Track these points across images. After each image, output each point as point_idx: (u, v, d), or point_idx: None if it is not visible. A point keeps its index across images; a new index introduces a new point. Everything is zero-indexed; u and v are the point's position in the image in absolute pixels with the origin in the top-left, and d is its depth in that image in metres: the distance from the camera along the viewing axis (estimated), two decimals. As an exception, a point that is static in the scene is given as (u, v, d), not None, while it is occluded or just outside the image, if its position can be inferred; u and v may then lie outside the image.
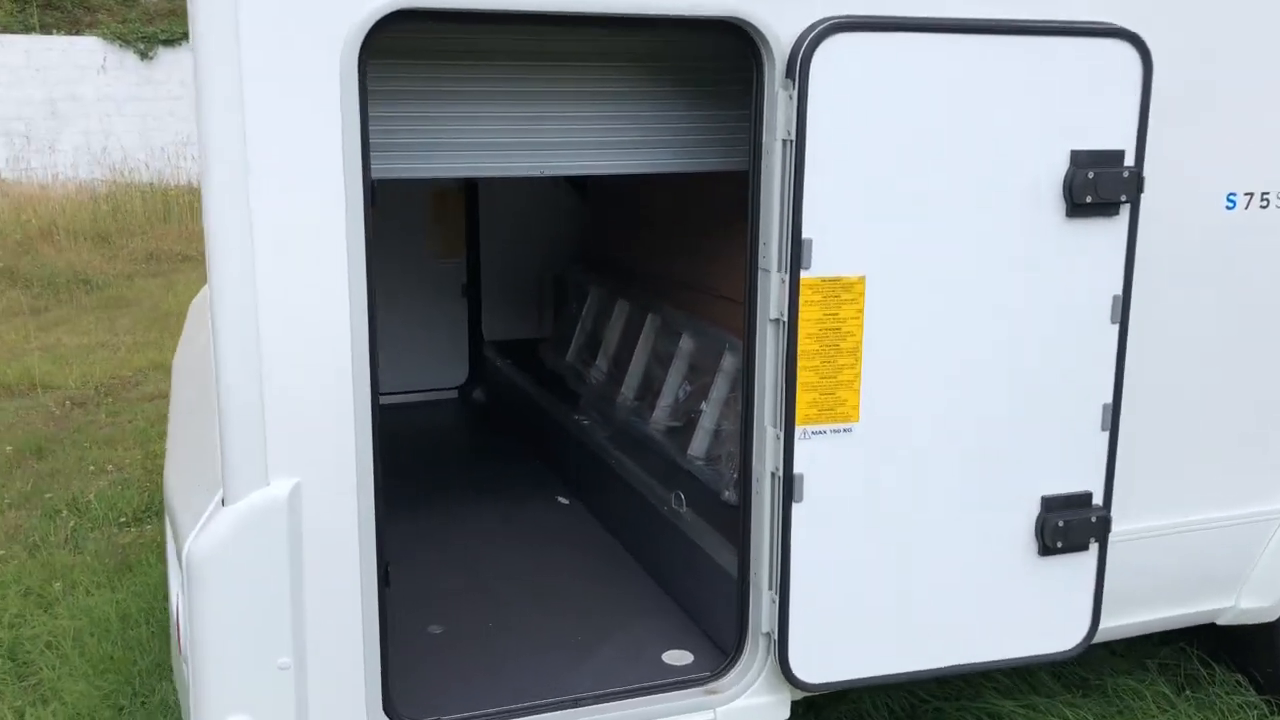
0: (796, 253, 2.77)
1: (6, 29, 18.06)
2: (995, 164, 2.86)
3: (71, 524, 5.66)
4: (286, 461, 2.54)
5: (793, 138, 2.73)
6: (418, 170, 2.88)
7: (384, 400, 5.65)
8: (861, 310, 2.86)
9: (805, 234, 2.77)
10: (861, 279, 2.84)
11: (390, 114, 2.83)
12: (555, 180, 5.67)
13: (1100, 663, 4.11)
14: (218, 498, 2.57)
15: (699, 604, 3.48)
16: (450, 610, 3.54)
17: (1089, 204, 2.93)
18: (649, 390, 4.30)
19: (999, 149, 2.86)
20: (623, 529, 4.07)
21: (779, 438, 2.88)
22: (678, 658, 3.27)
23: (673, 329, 4.21)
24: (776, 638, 2.97)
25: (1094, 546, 3.15)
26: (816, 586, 2.95)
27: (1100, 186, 2.91)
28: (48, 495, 6.03)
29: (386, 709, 2.75)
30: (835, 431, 2.90)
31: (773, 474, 2.92)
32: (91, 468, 6.47)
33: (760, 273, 2.87)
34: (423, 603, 3.59)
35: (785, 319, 2.81)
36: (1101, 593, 3.19)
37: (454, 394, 5.83)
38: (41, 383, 8.24)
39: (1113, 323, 3.04)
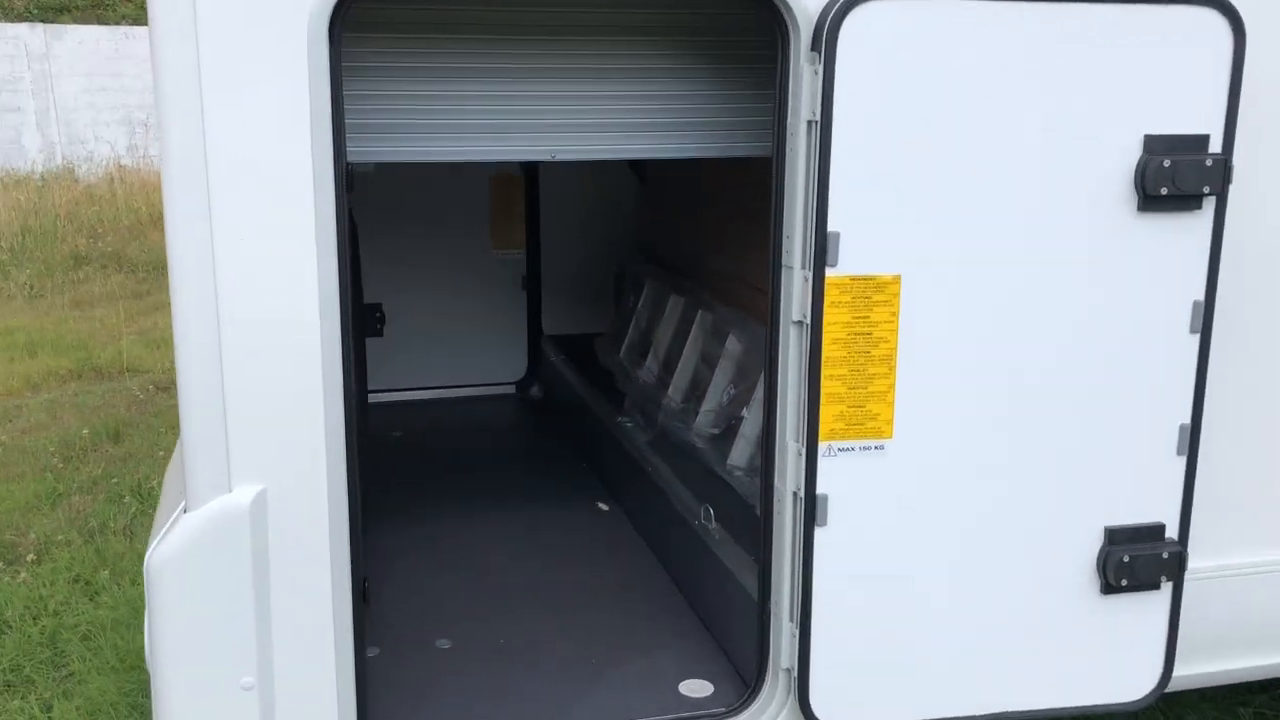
0: (821, 248, 2.48)
1: (137, 21, 18.62)
2: (1054, 150, 2.52)
3: (133, 510, 5.66)
4: (251, 467, 2.35)
5: (818, 119, 2.43)
6: (407, 154, 2.67)
7: (440, 394, 5.50)
8: (896, 313, 2.54)
9: (831, 227, 2.47)
10: (896, 279, 2.53)
11: (377, 93, 2.62)
12: (617, 167, 5.43)
13: (1186, 708, 3.70)
14: (183, 504, 2.40)
15: (725, 629, 3.20)
16: (463, 623, 3.34)
17: (1164, 196, 2.56)
18: (695, 393, 4.03)
19: (1058, 133, 2.51)
20: (657, 541, 3.82)
21: (801, 454, 2.59)
22: (696, 688, 3.00)
23: (721, 327, 3.94)
24: (796, 674, 2.68)
25: (1167, 585, 2.78)
26: (842, 620, 2.65)
27: (1178, 176, 2.54)
28: (114, 480, 6.05)
29: None
30: (865, 449, 2.60)
31: (794, 494, 2.63)
32: (162, 453, 6.47)
33: (784, 270, 2.58)
34: (435, 613, 3.39)
35: (809, 321, 2.52)
36: (1175, 637, 2.82)
37: (511, 389, 5.64)
38: (130, 366, 8.35)
39: (1193, 332, 2.66)
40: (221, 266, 2.26)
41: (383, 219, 5.31)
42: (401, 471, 4.60)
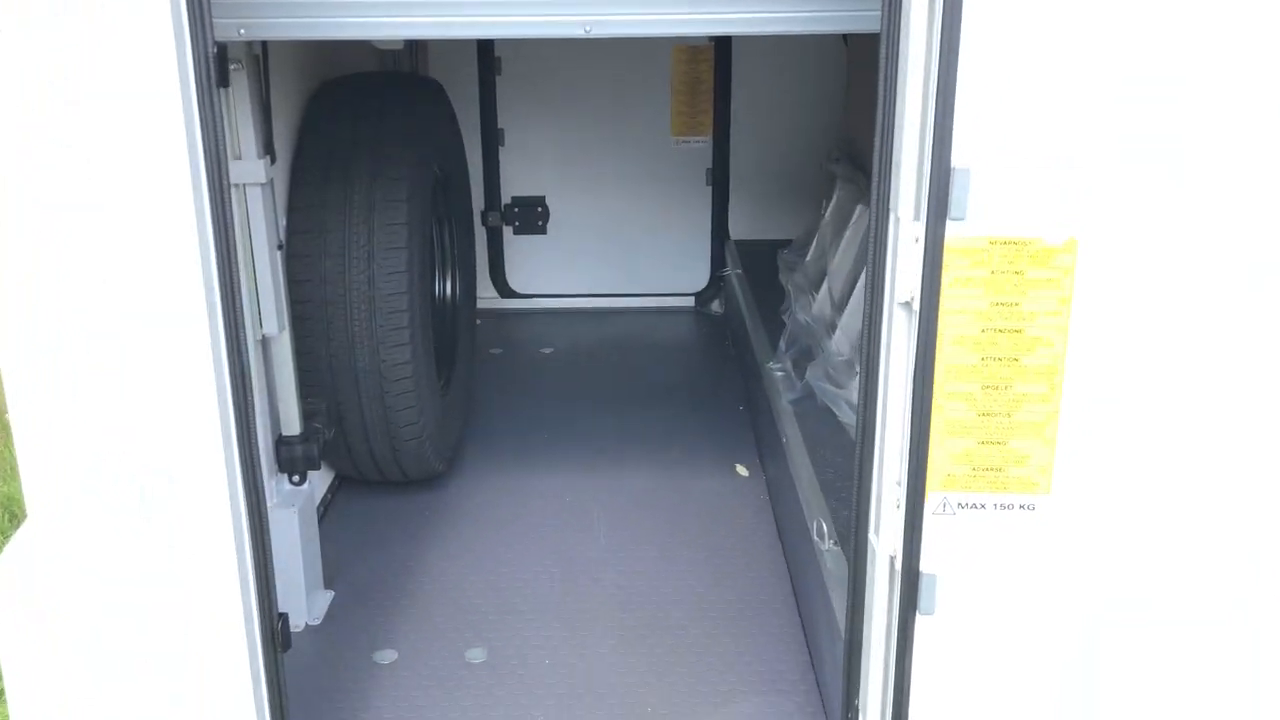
0: (941, 190, 1.52)
1: None
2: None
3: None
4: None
5: (941, -23, 1.45)
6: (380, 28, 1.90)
7: (606, 304, 4.78)
8: (1068, 300, 1.56)
9: (957, 159, 1.51)
10: (1070, 245, 1.54)
11: None
12: (824, 36, 4.39)
13: None
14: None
15: (830, 685, 2.35)
16: (512, 628, 2.65)
17: None
18: (864, 341, 3.10)
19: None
20: (786, 539, 2.97)
21: (900, 505, 1.68)
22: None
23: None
24: (885, 814, 1.83)
25: None
26: (953, 751, 1.77)
27: None
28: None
29: None
30: (1004, 507, 1.66)
31: (891, 560, 1.73)
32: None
33: (891, 219, 1.64)
34: (485, 609, 2.73)
35: (919, 306, 1.59)
36: None
37: (690, 302, 4.82)
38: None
39: None
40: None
41: (546, 100, 4.56)
42: (528, 399, 3.94)
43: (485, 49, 4.48)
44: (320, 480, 3.18)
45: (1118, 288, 1.55)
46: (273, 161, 2.42)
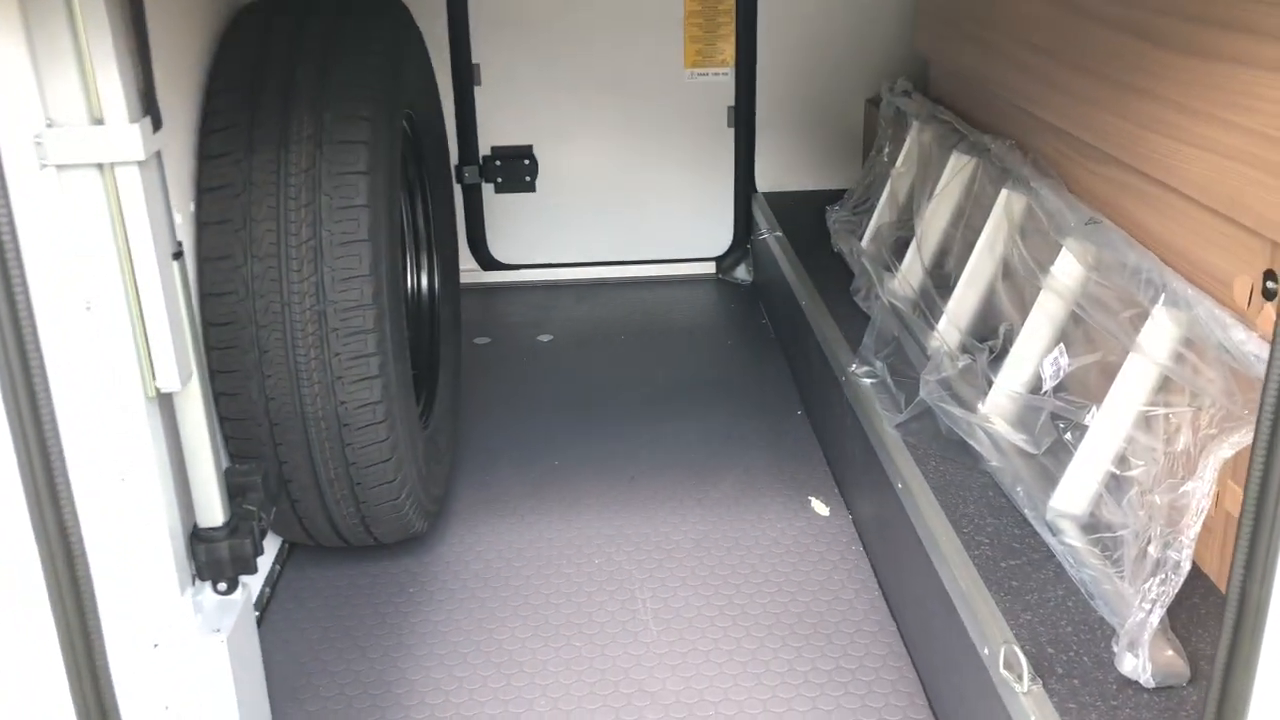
0: None
1: None
2: None
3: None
4: None
5: None
6: None
7: (608, 273, 3.97)
8: None
9: None
10: None
11: None
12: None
13: None
14: None
15: None
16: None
17: None
18: (993, 339, 2.32)
19: None
20: (899, 618, 2.18)
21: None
22: None
23: (1058, 226, 2.16)
24: None
25: None
26: None
27: None
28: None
29: None
30: None
31: None
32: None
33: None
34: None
35: None
36: None
37: (710, 268, 4.00)
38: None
39: None
40: None
41: (530, 27, 3.69)
42: (528, 408, 3.12)
43: (452, -39, 3.60)
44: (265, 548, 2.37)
45: None
46: (157, 127, 1.56)
